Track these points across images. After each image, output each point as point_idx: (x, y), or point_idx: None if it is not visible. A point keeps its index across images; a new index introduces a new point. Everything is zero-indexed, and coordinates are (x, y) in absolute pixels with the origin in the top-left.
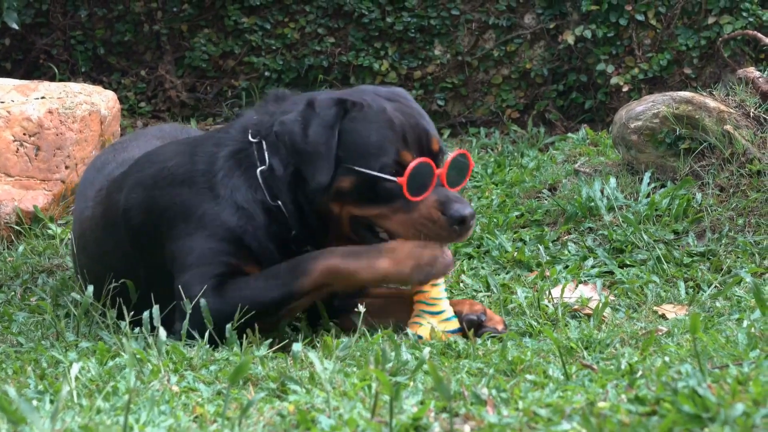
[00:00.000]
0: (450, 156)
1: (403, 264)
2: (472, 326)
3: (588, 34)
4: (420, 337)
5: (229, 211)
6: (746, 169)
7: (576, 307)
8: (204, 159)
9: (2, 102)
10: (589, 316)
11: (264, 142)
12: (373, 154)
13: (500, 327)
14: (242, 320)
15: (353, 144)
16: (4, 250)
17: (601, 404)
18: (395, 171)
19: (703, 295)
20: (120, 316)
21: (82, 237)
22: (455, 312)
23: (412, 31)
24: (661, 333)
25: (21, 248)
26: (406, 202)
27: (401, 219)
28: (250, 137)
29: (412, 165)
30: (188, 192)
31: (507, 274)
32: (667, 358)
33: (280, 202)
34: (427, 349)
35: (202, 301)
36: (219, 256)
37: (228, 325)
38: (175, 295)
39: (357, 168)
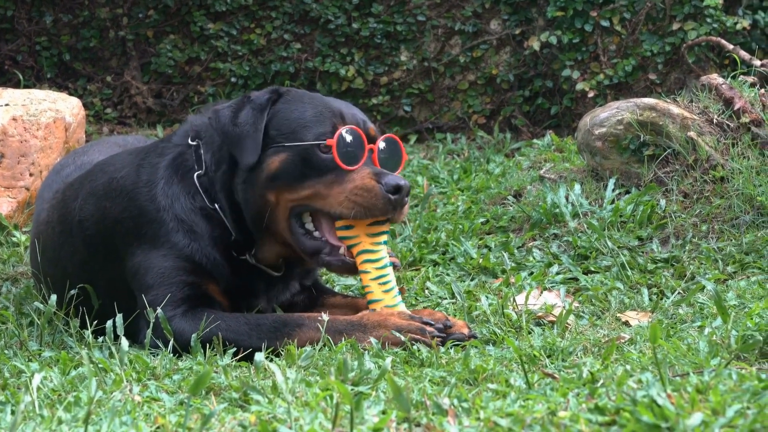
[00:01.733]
0: (380, 138)
1: (388, 339)
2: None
3: (553, 39)
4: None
5: (174, 230)
6: (710, 176)
7: (540, 314)
8: (147, 170)
9: None
10: (553, 323)
11: (201, 143)
12: (306, 126)
13: (465, 331)
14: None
15: (286, 121)
16: None
17: (561, 414)
18: (324, 146)
19: (666, 301)
20: (83, 325)
21: (39, 239)
22: None
23: (379, 36)
24: (623, 341)
25: None
26: (339, 174)
27: (336, 192)
28: (189, 140)
29: (341, 129)
30: (134, 206)
31: (472, 281)
32: (628, 367)
33: (217, 206)
34: (389, 359)
35: (173, 326)
36: (178, 274)
37: (193, 335)
38: (140, 314)
39: (287, 144)
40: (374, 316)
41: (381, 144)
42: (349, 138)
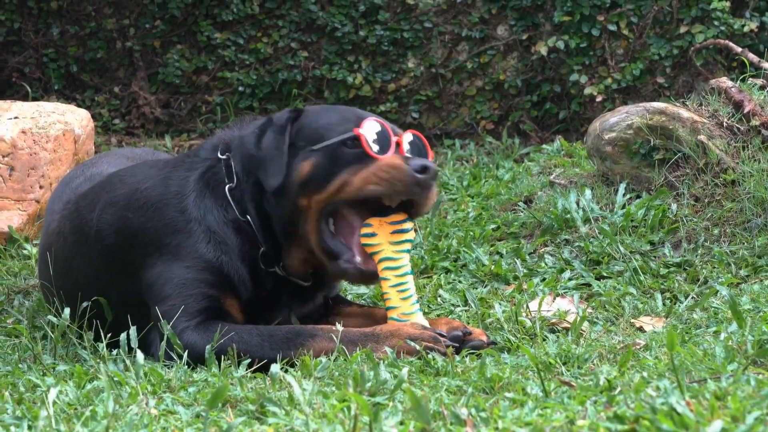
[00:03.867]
0: (402, 133)
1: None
2: (458, 342)
3: (561, 44)
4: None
5: (203, 240)
6: (720, 179)
7: (554, 320)
8: (177, 182)
9: None
10: (567, 329)
11: (231, 158)
12: (332, 128)
13: (484, 338)
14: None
15: (311, 129)
16: None
17: (580, 422)
18: (355, 141)
19: (680, 306)
20: (98, 337)
21: (49, 251)
22: None
23: (386, 44)
24: (638, 347)
25: None
26: (366, 162)
27: (362, 175)
28: (219, 154)
29: (366, 120)
30: (160, 217)
31: (484, 287)
32: (645, 374)
33: (248, 217)
34: (405, 369)
35: (185, 339)
36: (198, 286)
37: (207, 347)
38: (154, 325)
39: (315, 148)
40: (387, 326)
41: (407, 136)
42: (375, 129)
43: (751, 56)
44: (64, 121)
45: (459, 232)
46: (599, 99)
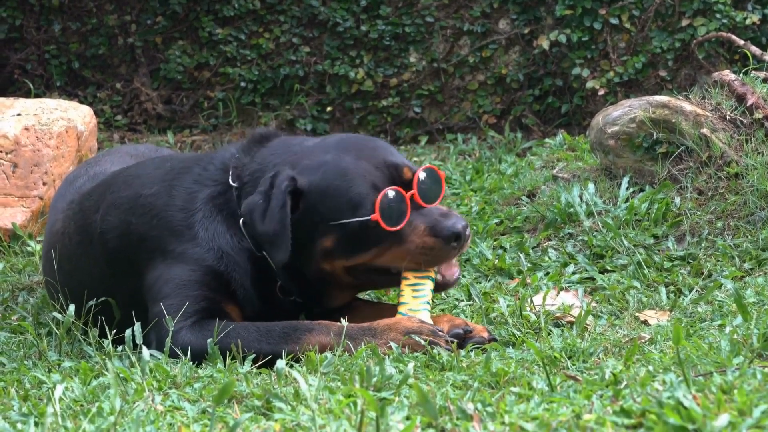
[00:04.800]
0: (416, 172)
1: (398, 341)
2: (459, 339)
3: (563, 38)
4: None
5: (211, 254)
6: (724, 172)
7: (558, 315)
8: (182, 195)
9: None
10: (571, 323)
11: (242, 191)
12: (347, 203)
13: (485, 335)
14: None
15: (323, 203)
16: None
17: (586, 417)
18: (371, 213)
19: (684, 300)
20: (102, 334)
21: (53, 250)
22: None
23: (387, 38)
24: (643, 340)
25: (0, 266)
26: (394, 237)
27: (397, 252)
28: (230, 180)
29: (377, 199)
30: (165, 227)
31: (488, 282)
32: (651, 367)
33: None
34: (411, 364)
35: (180, 338)
36: (199, 288)
37: (209, 341)
38: (150, 324)
39: (333, 224)
40: (385, 321)
41: (420, 176)
42: (390, 202)
43: (754, 49)
44: (67, 117)
45: None
46: (601, 93)
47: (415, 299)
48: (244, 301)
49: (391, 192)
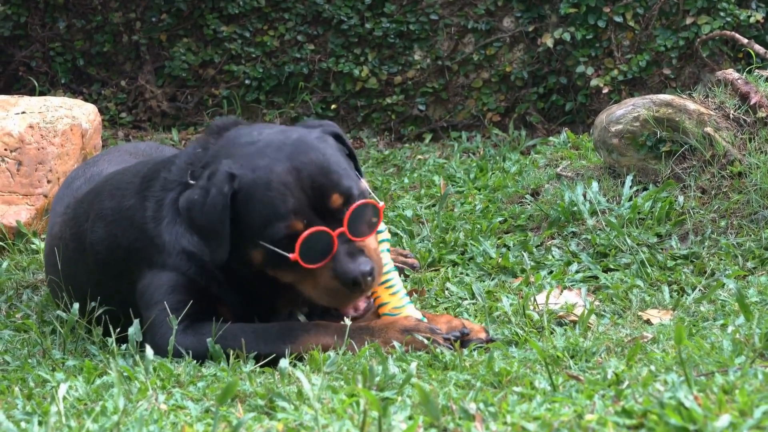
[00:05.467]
0: (348, 211)
1: (394, 339)
2: (458, 341)
3: (567, 36)
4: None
5: (181, 260)
6: (727, 171)
7: (561, 313)
8: (152, 205)
9: None
10: (574, 322)
11: None
12: (266, 228)
13: (483, 335)
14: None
15: (250, 219)
16: None
17: (588, 417)
18: (288, 243)
19: (687, 299)
20: (106, 333)
21: (53, 253)
22: None
23: (392, 36)
24: (646, 340)
25: (5, 264)
26: (309, 271)
27: (312, 286)
28: (189, 179)
29: (300, 240)
30: (145, 239)
31: (492, 280)
32: (653, 367)
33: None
34: (414, 363)
35: (177, 341)
36: (188, 292)
37: (208, 340)
38: (146, 330)
39: (260, 242)
40: (382, 320)
41: (351, 214)
42: (312, 241)
43: (758, 47)
44: (72, 115)
45: (466, 225)
46: (605, 91)
47: (392, 296)
48: (227, 298)
49: (314, 236)
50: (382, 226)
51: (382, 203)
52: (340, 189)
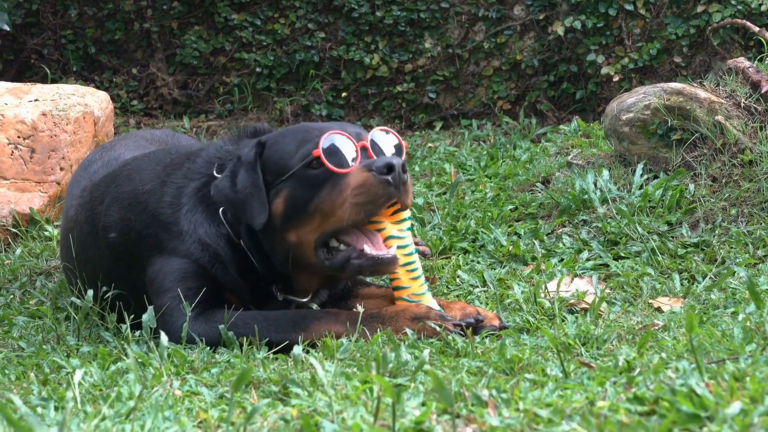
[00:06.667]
0: (373, 130)
1: (405, 327)
2: (470, 328)
3: (578, 24)
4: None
5: (195, 246)
6: (738, 159)
7: (572, 301)
8: (172, 191)
9: None
10: (585, 310)
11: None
12: (292, 156)
13: (496, 323)
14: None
15: (274, 161)
16: (1, 253)
17: (600, 404)
18: (317, 161)
19: (698, 287)
20: (119, 320)
21: (68, 236)
22: None
23: (402, 24)
24: (657, 327)
25: (18, 251)
26: (335, 182)
27: (338, 202)
28: (215, 172)
29: (325, 135)
30: (158, 224)
31: (503, 268)
32: (664, 354)
33: (243, 243)
34: (426, 351)
35: (188, 327)
36: (197, 279)
37: (221, 327)
38: (158, 316)
39: (281, 180)
40: (393, 307)
41: (372, 137)
42: (335, 143)
43: None
44: (84, 103)
45: (477, 213)
46: (616, 79)
47: (414, 281)
48: (235, 287)
49: (336, 138)
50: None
51: (405, 142)
52: (365, 133)
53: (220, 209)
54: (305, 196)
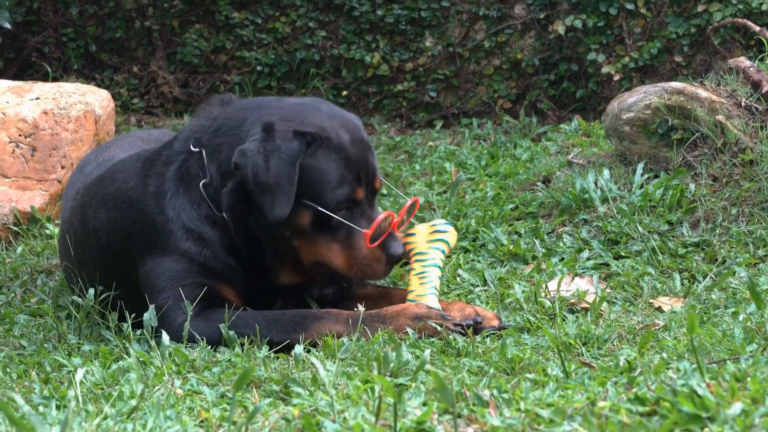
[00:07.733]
0: (406, 204)
1: (406, 326)
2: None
3: (578, 23)
4: None
5: (183, 238)
6: (739, 159)
7: (573, 301)
8: (154, 181)
9: None
10: (586, 309)
11: (204, 151)
12: (332, 189)
13: (495, 323)
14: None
15: (313, 180)
16: (2, 251)
17: (601, 404)
18: (347, 206)
19: (698, 286)
20: (121, 318)
21: (65, 238)
22: None
23: (403, 23)
24: (657, 327)
25: (19, 249)
26: (349, 233)
27: (347, 257)
28: (191, 146)
29: (378, 219)
30: (144, 218)
31: (503, 267)
32: (665, 354)
33: (225, 215)
34: (428, 350)
35: (188, 327)
36: (190, 276)
37: (221, 325)
38: (156, 317)
39: (314, 204)
40: (393, 307)
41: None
42: (362, 201)
43: None
44: (85, 101)
45: (477, 212)
46: (617, 78)
47: (422, 285)
48: (229, 274)
49: (365, 197)
50: (448, 227)
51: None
52: (379, 173)
53: (201, 183)
54: (324, 227)
